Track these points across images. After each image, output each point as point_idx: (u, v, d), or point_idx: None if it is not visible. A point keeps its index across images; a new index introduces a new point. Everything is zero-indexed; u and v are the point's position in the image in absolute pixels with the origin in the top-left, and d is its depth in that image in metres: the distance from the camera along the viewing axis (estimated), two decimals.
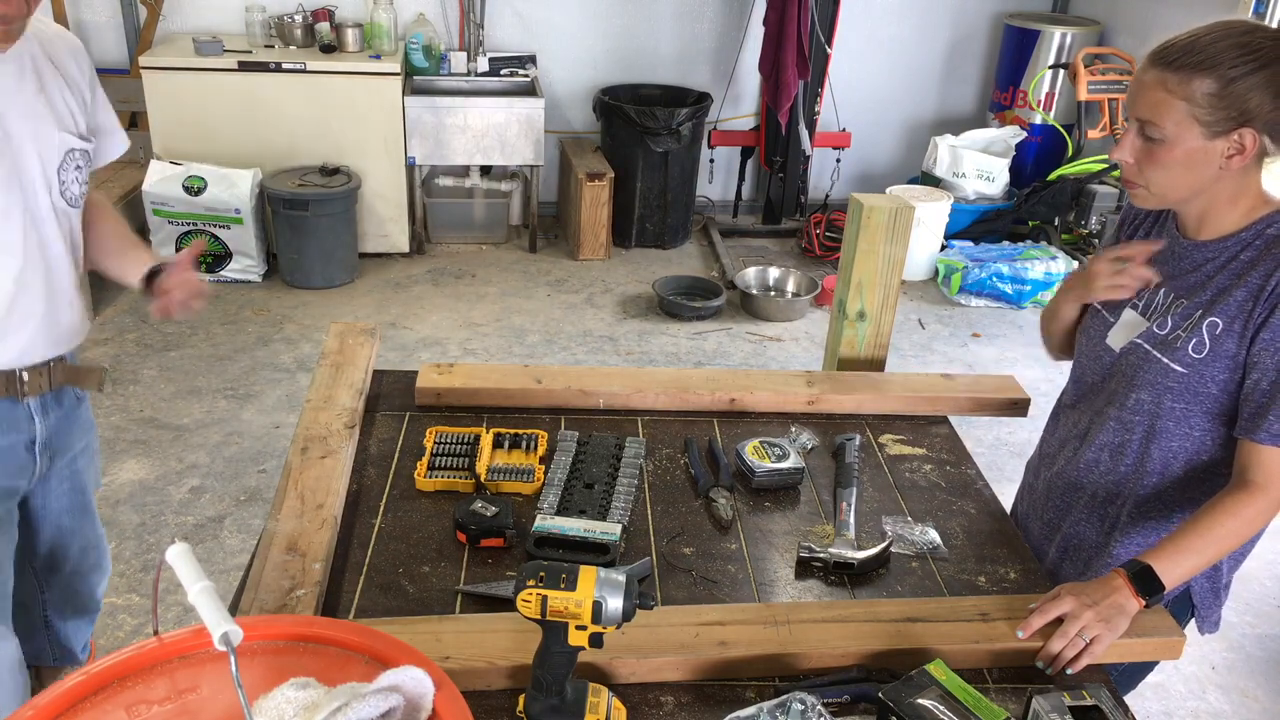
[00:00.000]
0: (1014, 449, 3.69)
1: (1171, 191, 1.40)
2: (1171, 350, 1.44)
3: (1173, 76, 1.31)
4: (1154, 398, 1.47)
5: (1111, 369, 1.54)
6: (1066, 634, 1.31)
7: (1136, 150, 1.38)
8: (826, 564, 1.50)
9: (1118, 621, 1.32)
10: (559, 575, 1.08)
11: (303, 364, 3.97)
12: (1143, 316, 1.51)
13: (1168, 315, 1.47)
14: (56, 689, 0.88)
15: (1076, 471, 1.61)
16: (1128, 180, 1.43)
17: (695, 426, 1.85)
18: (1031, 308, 4.85)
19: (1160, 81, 1.33)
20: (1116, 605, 1.33)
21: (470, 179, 5.08)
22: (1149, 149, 1.37)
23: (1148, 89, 1.35)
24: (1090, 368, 1.60)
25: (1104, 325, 1.57)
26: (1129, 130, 1.39)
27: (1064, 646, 1.31)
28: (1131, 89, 1.39)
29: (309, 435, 1.67)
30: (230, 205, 4.41)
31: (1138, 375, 1.48)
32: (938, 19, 5.58)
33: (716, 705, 1.24)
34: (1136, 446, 1.51)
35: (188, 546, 0.90)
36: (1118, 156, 1.41)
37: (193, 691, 0.91)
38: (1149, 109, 1.34)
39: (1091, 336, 1.60)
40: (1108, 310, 1.57)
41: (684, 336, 4.42)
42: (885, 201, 1.92)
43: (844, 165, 5.56)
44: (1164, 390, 1.45)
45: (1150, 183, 1.39)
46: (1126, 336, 1.52)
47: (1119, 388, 1.52)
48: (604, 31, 5.31)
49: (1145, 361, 1.47)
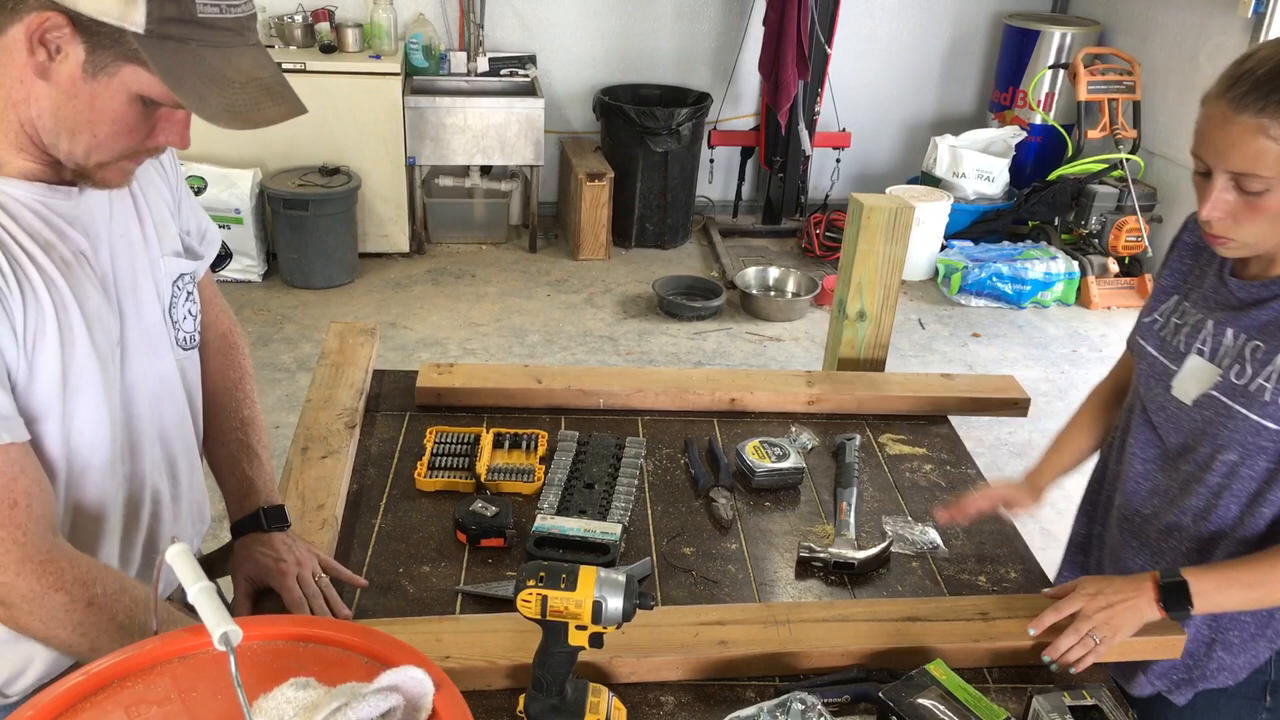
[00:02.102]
0: (1014, 449, 3.69)
1: (1268, 240, 1.23)
2: (1259, 404, 1.25)
3: (1273, 121, 1.13)
4: (1244, 458, 1.29)
5: (1191, 428, 1.35)
6: (1078, 631, 1.29)
7: (1230, 206, 1.21)
8: (826, 564, 1.50)
9: (1130, 624, 1.29)
10: (559, 575, 1.08)
11: (303, 364, 3.97)
12: (1211, 362, 1.32)
13: (1244, 361, 1.28)
14: (56, 688, 0.88)
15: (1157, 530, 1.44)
16: (1215, 236, 1.25)
17: (695, 426, 1.85)
18: (1031, 307, 4.85)
19: (1258, 129, 1.14)
20: (1134, 608, 1.29)
21: (470, 179, 5.08)
22: (1248, 203, 1.20)
23: (1242, 138, 1.16)
24: (1165, 425, 1.40)
25: (1165, 374, 1.37)
26: (1214, 185, 1.21)
27: (1072, 645, 1.28)
28: (1212, 138, 1.21)
29: (309, 435, 1.67)
30: (230, 205, 4.41)
31: (1221, 434, 1.30)
32: (938, 19, 5.58)
33: (716, 705, 1.24)
34: (1223, 511, 1.34)
35: (187, 546, 0.90)
36: (1209, 216, 1.22)
37: (193, 691, 0.91)
38: (1247, 160, 1.16)
39: (1153, 387, 1.40)
40: (1166, 357, 1.38)
41: (684, 336, 4.42)
42: (885, 201, 1.92)
43: (844, 165, 5.56)
44: (1256, 451, 1.28)
45: (1246, 235, 1.23)
46: (1198, 388, 1.32)
47: (1204, 449, 1.34)
48: (604, 31, 5.31)
49: (1228, 418, 1.28)
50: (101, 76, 0.98)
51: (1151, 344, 1.42)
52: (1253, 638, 1.38)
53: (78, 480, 1.11)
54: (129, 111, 1.01)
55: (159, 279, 1.21)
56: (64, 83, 0.98)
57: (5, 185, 1.03)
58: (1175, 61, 4.91)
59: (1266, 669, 1.40)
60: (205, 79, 0.98)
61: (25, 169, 1.05)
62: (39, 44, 0.96)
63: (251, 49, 1.03)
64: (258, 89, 1.01)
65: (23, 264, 1.02)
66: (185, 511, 1.31)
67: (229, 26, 1.00)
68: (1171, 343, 1.39)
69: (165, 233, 1.23)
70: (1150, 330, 1.44)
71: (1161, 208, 4.93)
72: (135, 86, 0.99)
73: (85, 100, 0.99)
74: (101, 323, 1.10)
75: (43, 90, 0.99)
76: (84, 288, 1.08)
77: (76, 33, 0.95)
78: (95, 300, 1.10)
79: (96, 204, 1.12)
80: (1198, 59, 4.77)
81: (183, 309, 1.25)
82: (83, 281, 1.08)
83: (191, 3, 0.96)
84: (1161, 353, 1.39)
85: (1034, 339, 4.60)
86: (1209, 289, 1.36)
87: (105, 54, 0.96)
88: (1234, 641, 1.39)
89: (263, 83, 1.02)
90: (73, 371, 1.06)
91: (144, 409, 1.19)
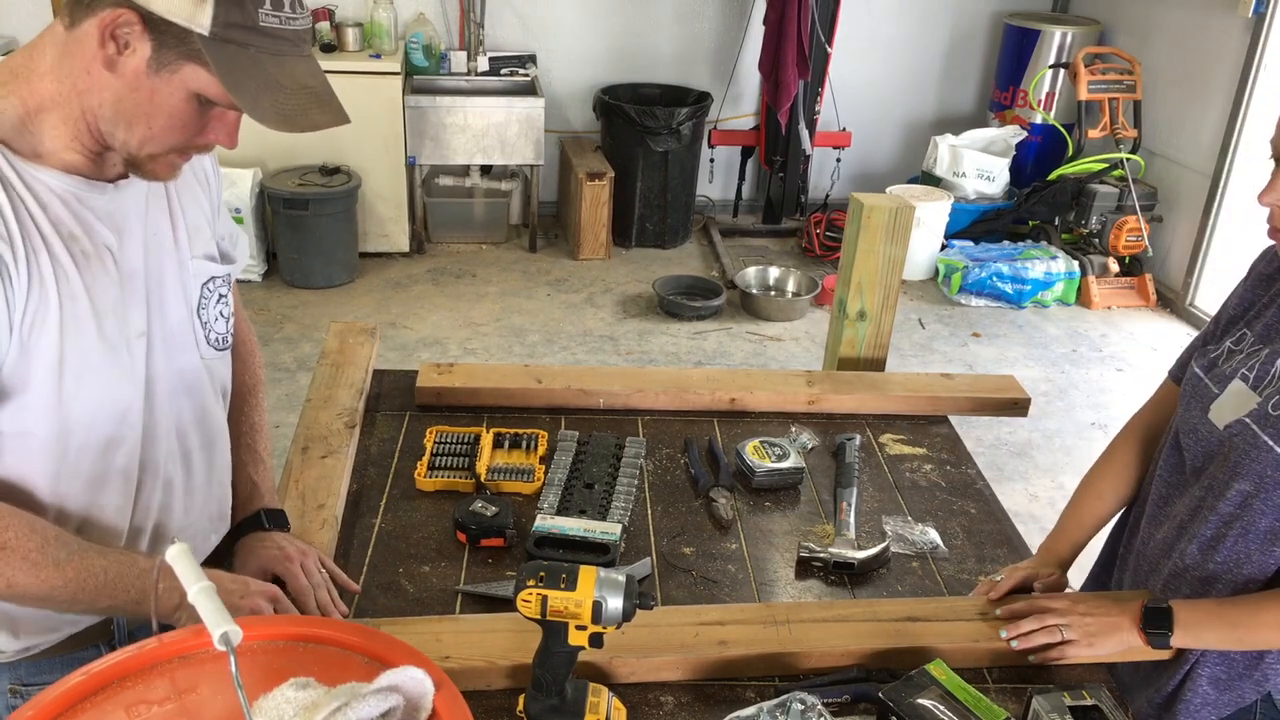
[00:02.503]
0: (1014, 449, 3.69)
1: None
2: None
3: None
4: (1257, 490, 1.25)
5: (1214, 450, 1.31)
6: (1041, 619, 1.29)
7: None
8: (826, 564, 1.50)
9: (1103, 641, 1.29)
10: (559, 575, 1.08)
11: (303, 363, 3.97)
12: (1253, 390, 1.27)
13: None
14: (57, 688, 0.88)
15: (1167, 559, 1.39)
16: (1278, 229, 1.21)
17: (695, 426, 1.85)
18: (1032, 307, 4.85)
19: None
20: (1114, 625, 1.29)
21: (470, 179, 5.08)
22: None
23: None
24: (1191, 447, 1.35)
25: (1207, 396, 1.33)
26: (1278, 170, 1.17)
27: (1034, 629, 1.29)
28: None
29: (309, 435, 1.67)
30: (230, 205, 4.40)
31: (1241, 463, 1.25)
32: (938, 19, 5.58)
33: (716, 705, 1.24)
34: (1231, 545, 1.29)
35: (187, 546, 0.90)
36: (1269, 201, 1.18)
37: (193, 691, 0.91)
38: None
39: (1191, 408, 1.35)
40: (1212, 379, 1.33)
41: (684, 336, 4.42)
42: (885, 201, 1.92)
43: (844, 165, 5.56)
44: (1272, 485, 1.23)
45: None
46: (1234, 412, 1.28)
47: (1219, 473, 1.29)
48: (604, 31, 5.31)
49: (1252, 447, 1.24)
50: (164, 73, 1.03)
51: (1201, 366, 1.37)
52: (1240, 677, 1.34)
53: (78, 455, 1.15)
54: (185, 108, 1.06)
55: (187, 280, 1.24)
56: (129, 75, 1.03)
57: (44, 175, 1.08)
58: (1175, 61, 4.91)
59: (1251, 710, 1.36)
60: (261, 83, 1.04)
61: (69, 161, 1.09)
62: (110, 38, 1.01)
63: (305, 59, 1.09)
64: (308, 96, 1.07)
65: (37, 251, 1.07)
66: (200, 506, 1.32)
67: (287, 37, 1.06)
68: (1221, 367, 1.34)
69: (198, 237, 1.26)
70: (1204, 354, 1.39)
71: (1162, 207, 4.93)
72: (194, 85, 1.04)
73: (146, 94, 1.04)
74: (116, 315, 1.14)
75: (107, 81, 1.04)
76: (100, 281, 1.12)
77: (146, 30, 1.01)
78: (112, 293, 1.13)
79: (132, 202, 1.16)
80: (1198, 59, 4.77)
81: (213, 310, 1.29)
82: (99, 275, 1.12)
83: (255, 11, 1.02)
84: (1208, 375, 1.34)
85: (1034, 339, 4.60)
86: (1271, 318, 1.32)
87: (170, 52, 1.02)
88: (1220, 677, 1.35)
89: (313, 91, 1.08)
90: (74, 358, 1.10)
91: (163, 400, 1.22)
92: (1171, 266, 4.98)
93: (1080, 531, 1.52)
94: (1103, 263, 4.94)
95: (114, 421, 1.16)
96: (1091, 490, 1.54)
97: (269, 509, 1.40)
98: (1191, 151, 4.83)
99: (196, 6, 0.99)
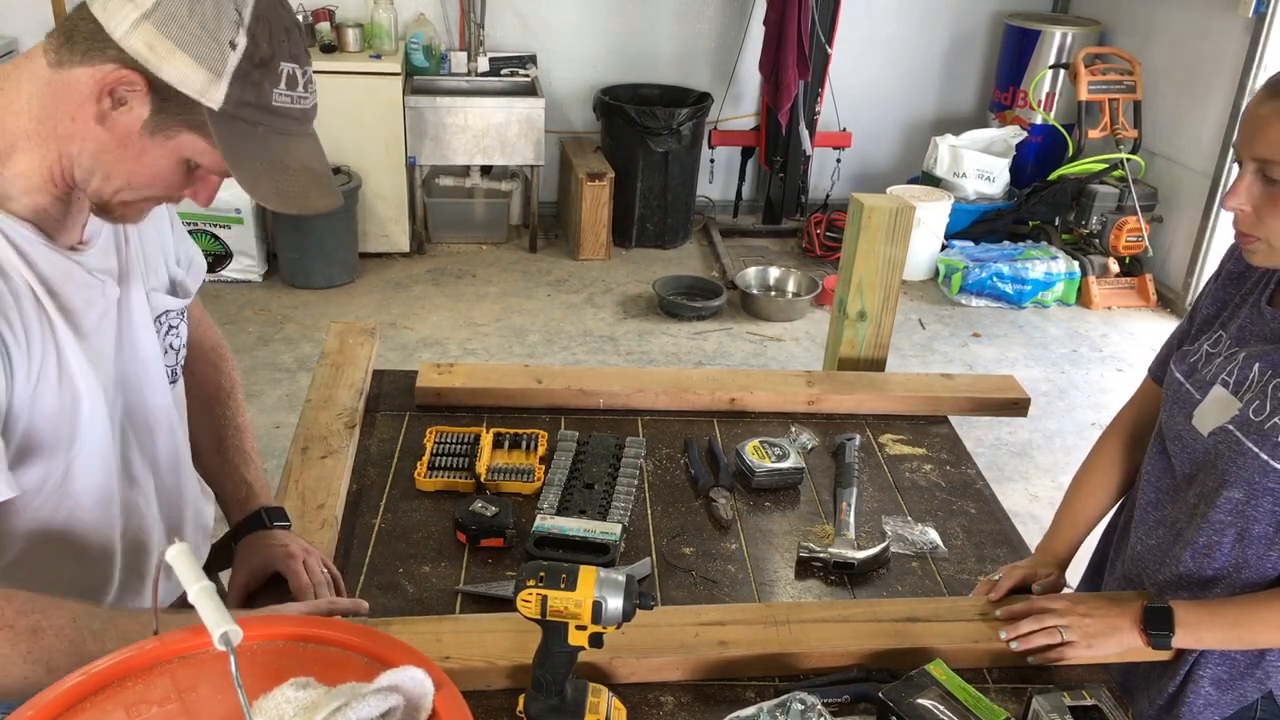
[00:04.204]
0: (1014, 449, 3.69)
1: None
2: (1270, 444, 1.22)
3: None
4: (1249, 498, 1.25)
5: (1201, 458, 1.32)
6: (1041, 620, 1.29)
7: (1255, 196, 1.18)
8: (826, 564, 1.50)
9: (1103, 642, 1.29)
10: (559, 575, 1.08)
11: (303, 364, 3.97)
12: (1234, 395, 1.28)
13: (1264, 398, 1.24)
14: (56, 688, 0.88)
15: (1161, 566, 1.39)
16: (1243, 234, 1.22)
17: (695, 426, 1.85)
18: (1032, 307, 4.85)
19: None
20: (1114, 627, 1.29)
21: (470, 179, 5.08)
22: (1272, 195, 1.17)
23: (1270, 124, 1.14)
24: (1179, 454, 1.36)
25: (1189, 402, 1.34)
26: (1243, 174, 1.19)
27: (1033, 630, 1.29)
28: (1246, 128, 1.18)
29: (309, 435, 1.67)
30: (230, 205, 4.40)
31: (1229, 470, 1.26)
32: (938, 19, 5.58)
33: (716, 705, 1.24)
34: (1228, 551, 1.30)
35: (187, 546, 0.90)
36: (1232, 205, 1.20)
37: (193, 691, 0.91)
38: (1271, 146, 1.14)
39: (1175, 415, 1.36)
40: (1193, 384, 1.34)
41: (684, 336, 4.42)
42: (886, 201, 1.92)
43: (844, 165, 5.56)
44: (1262, 491, 1.24)
45: (1273, 235, 1.19)
46: (1217, 419, 1.29)
47: (1209, 481, 1.30)
48: (604, 31, 5.31)
49: (1238, 454, 1.25)
50: (159, 136, 0.99)
51: (1181, 371, 1.38)
52: (1241, 676, 1.35)
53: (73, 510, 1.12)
54: (173, 170, 1.03)
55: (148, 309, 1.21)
56: (119, 132, 0.98)
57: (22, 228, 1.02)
58: (1175, 61, 4.91)
59: (1253, 708, 1.36)
60: (265, 163, 1.01)
61: (36, 204, 1.03)
62: (107, 94, 0.96)
63: (309, 138, 1.06)
64: (309, 178, 1.05)
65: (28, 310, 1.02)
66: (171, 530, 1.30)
67: (295, 116, 1.03)
68: (1201, 372, 1.34)
69: (155, 273, 1.23)
70: (1183, 357, 1.39)
71: (1162, 208, 4.93)
72: (188, 151, 1.00)
73: (134, 152, 1.00)
74: (104, 360, 1.12)
75: (93, 133, 0.99)
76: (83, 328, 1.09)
77: (149, 93, 0.96)
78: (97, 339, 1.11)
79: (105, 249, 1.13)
80: (1198, 59, 4.77)
81: (163, 343, 1.25)
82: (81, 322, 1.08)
83: (270, 91, 0.98)
84: (1189, 380, 1.35)
85: (1034, 339, 4.60)
86: (1245, 320, 1.32)
87: (170, 118, 0.98)
88: (1222, 677, 1.35)
89: (314, 173, 1.06)
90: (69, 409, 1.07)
91: (140, 439, 1.21)
92: (1172, 267, 4.98)
93: (1075, 530, 1.53)
94: (1103, 263, 4.94)
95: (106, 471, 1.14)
96: (1083, 488, 1.55)
97: (268, 507, 1.38)
98: (1192, 152, 4.83)
99: (211, 83, 0.95)
